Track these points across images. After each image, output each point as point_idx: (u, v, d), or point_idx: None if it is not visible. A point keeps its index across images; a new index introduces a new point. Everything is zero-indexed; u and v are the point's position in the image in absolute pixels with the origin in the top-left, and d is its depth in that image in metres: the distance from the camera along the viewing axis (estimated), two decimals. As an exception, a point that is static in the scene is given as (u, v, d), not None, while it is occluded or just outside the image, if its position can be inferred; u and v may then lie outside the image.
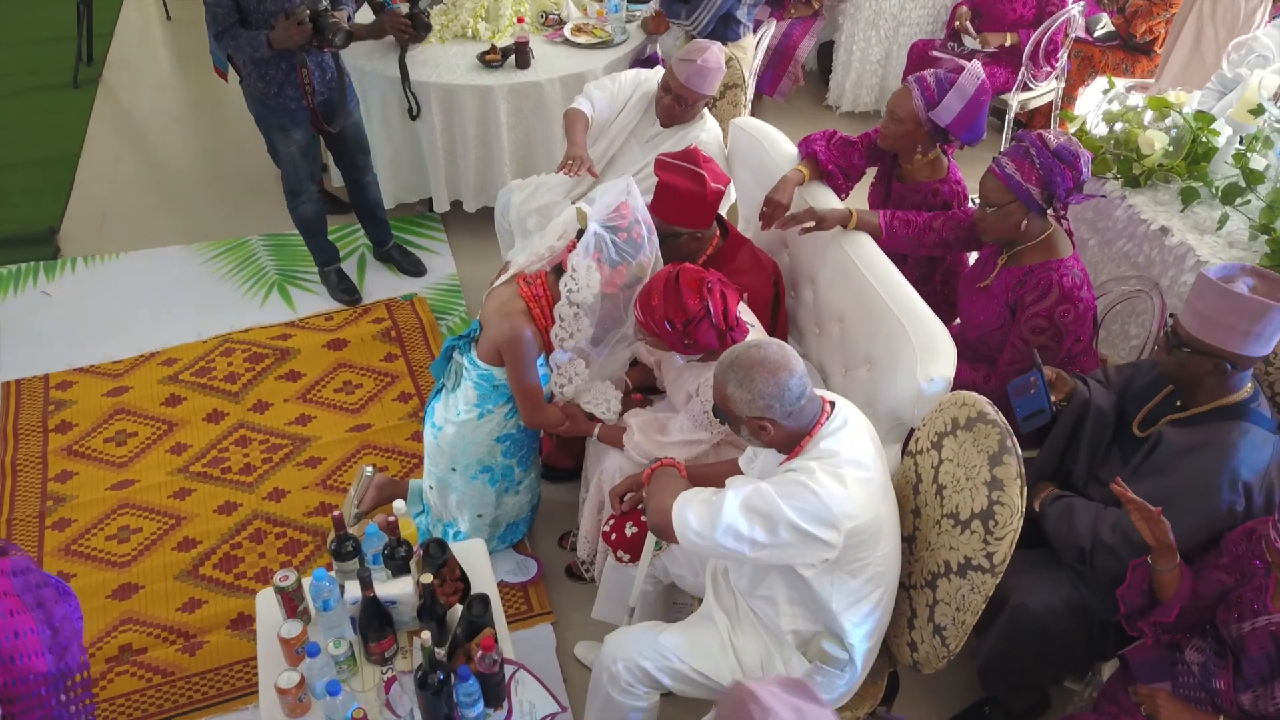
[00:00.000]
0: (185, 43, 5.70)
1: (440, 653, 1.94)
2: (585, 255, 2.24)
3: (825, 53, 5.15)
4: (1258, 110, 2.81)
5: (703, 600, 2.11)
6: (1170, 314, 2.02)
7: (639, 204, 2.27)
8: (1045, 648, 2.09)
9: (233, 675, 2.51)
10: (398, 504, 2.15)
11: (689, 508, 1.78)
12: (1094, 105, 3.17)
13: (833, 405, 1.83)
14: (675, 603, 2.45)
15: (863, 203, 2.84)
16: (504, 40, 3.87)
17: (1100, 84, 3.18)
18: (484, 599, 2.00)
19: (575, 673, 2.54)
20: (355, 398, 3.32)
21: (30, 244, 4.00)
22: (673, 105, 3.02)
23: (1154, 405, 2.08)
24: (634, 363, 2.65)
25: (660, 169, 2.49)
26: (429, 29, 3.63)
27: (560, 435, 2.77)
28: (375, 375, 3.41)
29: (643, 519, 2.18)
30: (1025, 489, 1.75)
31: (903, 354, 2.21)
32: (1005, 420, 1.81)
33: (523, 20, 3.98)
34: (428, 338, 3.56)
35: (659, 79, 3.07)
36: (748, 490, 1.74)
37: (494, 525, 2.64)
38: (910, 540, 2.02)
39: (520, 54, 3.71)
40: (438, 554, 2.08)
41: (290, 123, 3.29)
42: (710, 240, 2.58)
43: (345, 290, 3.74)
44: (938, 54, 4.13)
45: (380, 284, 3.84)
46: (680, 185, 2.44)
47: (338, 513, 2.07)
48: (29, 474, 3.03)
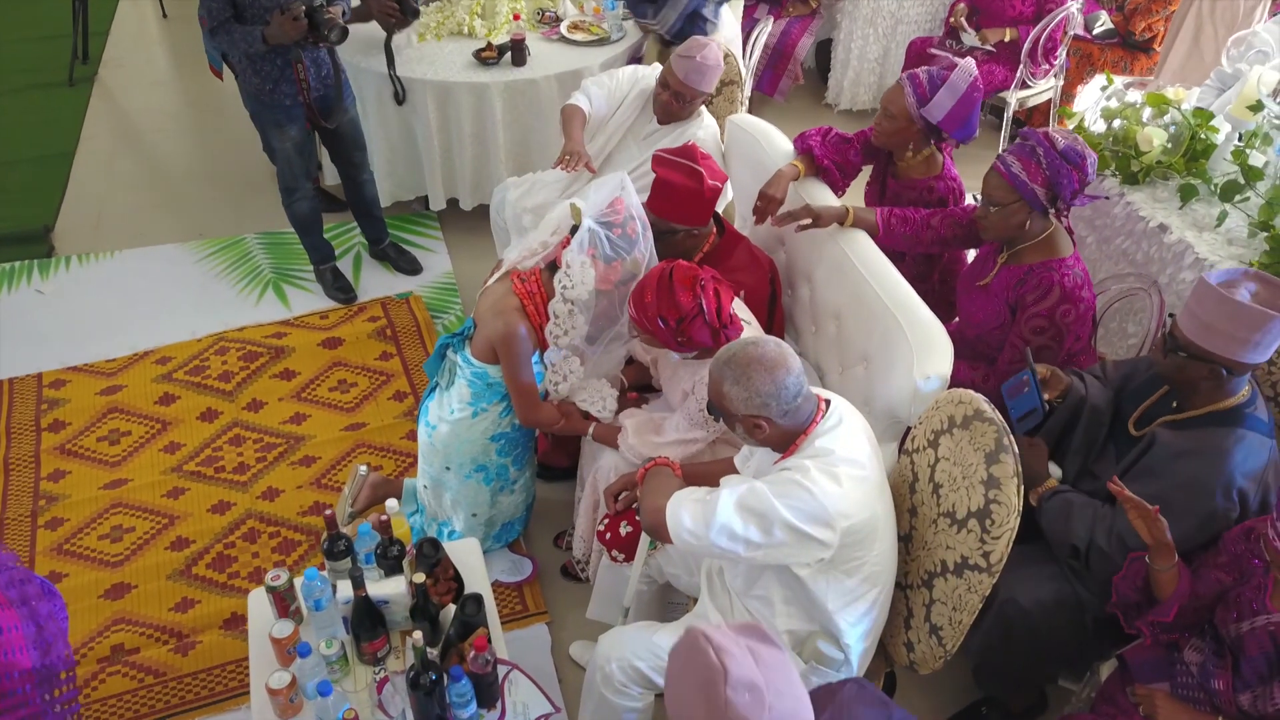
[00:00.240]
0: (181, 41, 5.68)
1: (433, 653, 1.92)
2: (580, 251, 2.22)
3: (824, 51, 5.14)
4: (1257, 106, 2.79)
5: (697, 600, 2.09)
6: (1169, 314, 2.01)
7: (633, 199, 2.25)
8: (1037, 643, 2.07)
9: (225, 675, 2.49)
10: (390, 503, 2.13)
11: (683, 507, 1.77)
12: (1092, 102, 3.15)
13: (828, 403, 1.81)
14: (670, 602, 2.44)
15: (859, 200, 2.83)
16: (500, 37, 3.85)
17: (1099, 81, 3.16)
18: (477, 599, 1.98)
19: (571, 673, 2.52)
20: (350, 396, 3.30)
21: (25, 242, 3.98)
22: (670, 102, 3.01)
23: (1150, 404, 2.07)
24: (630, 361, 2.63)
25: (658, 165, 2.48)
26: (416, 14, 3.59)
27: (555, 434, 2.75)
28: (370, 374, 3.39)
29: (637, 518, 2.17)
30: (1022, 487, 1.73)
31: (899, 352, 2.19)
32: (1002, 418, 1.79)
33: (519, 17, 3.96)
34: (423, 336, 3.55)
35: (657, 76, 3.06)
36: (742, 489, 1.73)
37: (489, 524, 2.62)
38: (906, 539, 2.00)
39: (516, 51, 3.70)
40: (431, 553, 2.07)
41: (286, 119, 3.27)
42: (707, 237, 2.57)
43: (340, 288, 3.72)
44: (936, 52, 4.11)
45: (376, 282, 3.82)
46: (677, 181, 2.43)
47: (330, 512, 2.06)
48: (21, 473, 3.01)
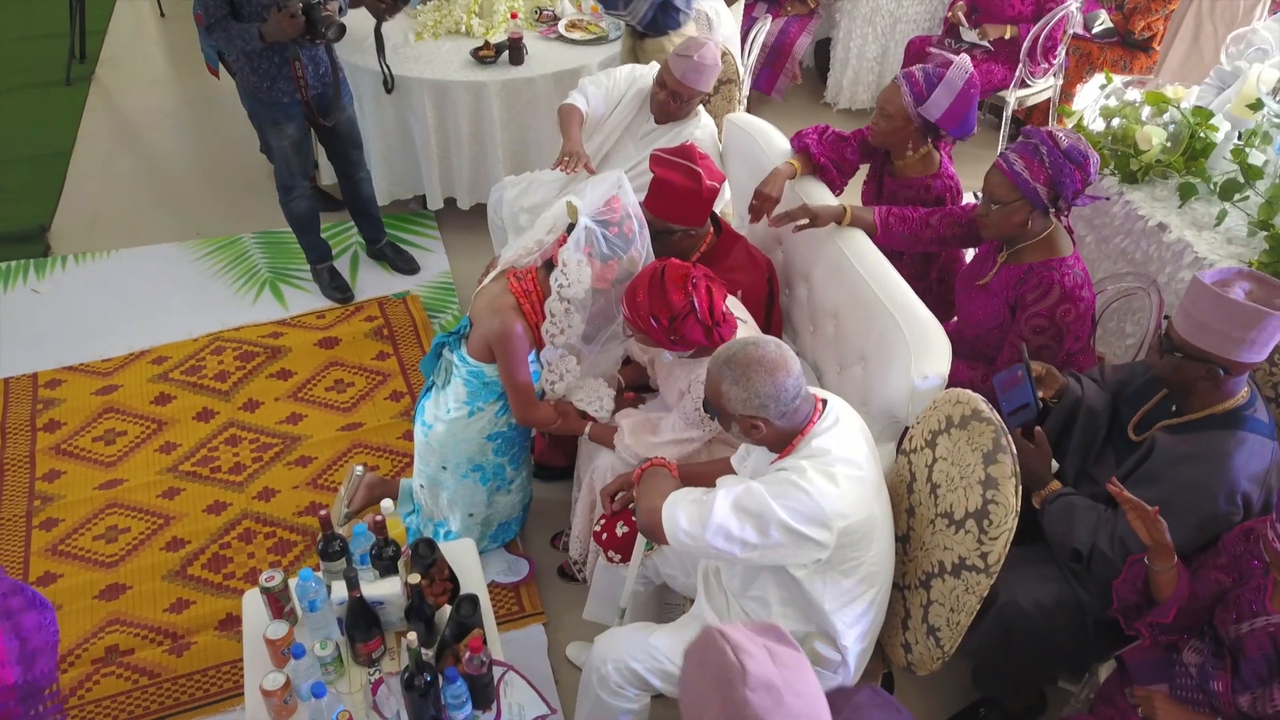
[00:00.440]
0: (179, 40, 5.67)
1: (428, 654, 1.92)
2: (576, 250, 2.21)
3: (822, 50, 5.13)
4: (1256, 105, 2.78)
5: (694, 601, 2.08)
6: (1165, 315, 1.99)
7: (630, 198, 2.24)
8: (1036, 645, 2.06)
9: (220, 676, 2.48)
10: (385, 504, 2.12)
11: (679, 508, 1.76)
12: (1091, 101, 3.14)
13: (825, 403, 1.80)
14: (667, 603, 2.43)
15: (856, 199, 2.82)
16: (497, 36, 3.84)
17: (1098, 80, 3.15)
18: (473, 599, 1.97)
19: (567, 673, 2.51)
20: (347, 396, 3.29)
21: (21, 242, 3.96)
22: (668, 101, 3.00)
23: (1149, 409, 2.05)
24: (627, 360, 2.62)
25: (655, 164, 2.47)
26: (406, 0, 3.58)
27: (552, 434, 2.74)
28: (367, 374, 3.38)
29: (634, 519, 2.16)
30: (1020, 488, 1.72)
31: (897, 351, 2.18)
32: (1000, 418, 1.78)
33: (516, 16, 3.96)
34: (420, 336, 3.54)
35: (654, 75, 3.05)
36: (738, 490, 1.72)
37: (485, 524, 2.61)
38: (904, 540, 1.99)
39: (514, 50, 3.69)
40: (426, 554, 2.06)
41: (283, 117, 3.26)
42: (704, 237, 2.56)
43: (337, 288, 3.71)
44: (934, 50, 4.10)
45: (373, 282, 3.81)
46: (675, 181, 2.41)
47: (324, 512, 2.05)
48: (16, 473, 3.00)
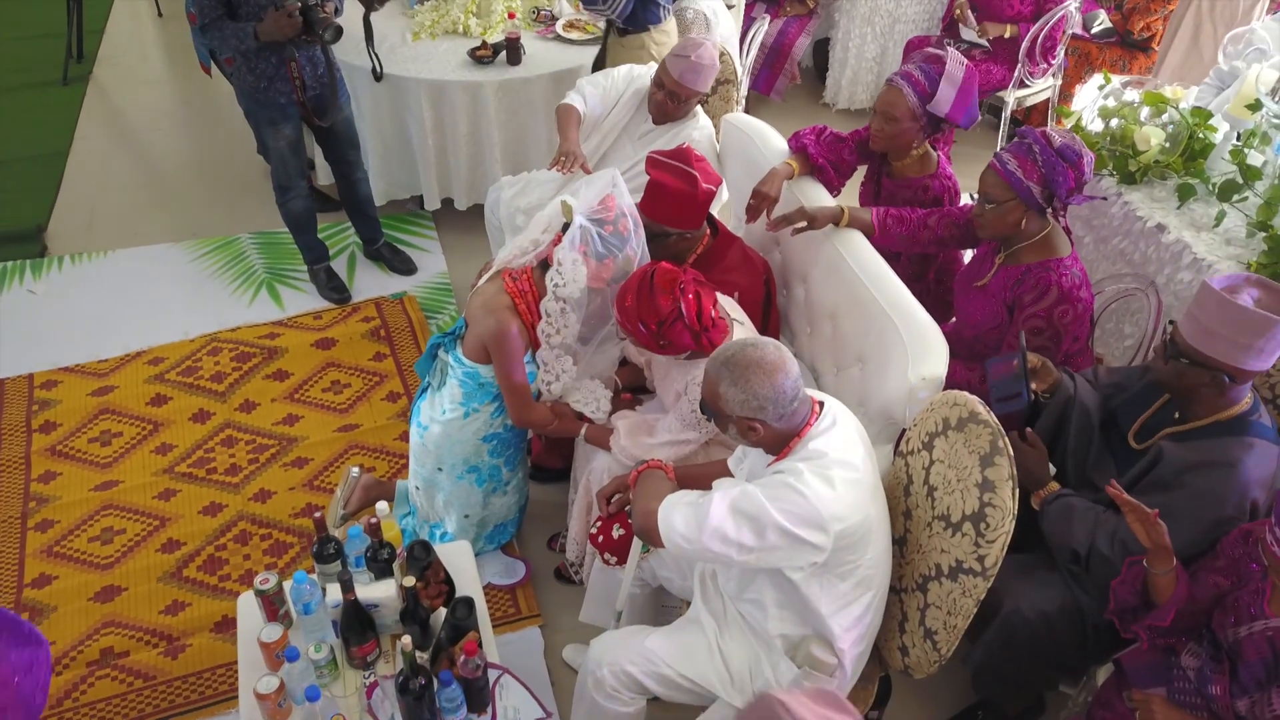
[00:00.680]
0: (177, 40, 5.65)
1: (423, 657, 1.91)
2: (571, 249, 2.20)
3: (821, 50, 5.12)
4: (1255, 105, 2.77)
5: (690, 603, 2.07)
6: (1170, 321, 1.98)
7: (625, 196, 2.24)
8: (1040, 653, 2.05)
9: (215, 679, 2.47)
10: (380, 506, 2.11)
11: (675, 511, 1.75)
12: (1090, 101, 3.13)
13: (821, 405, 1.80)
14: (664, 605, 2.42)
15: (853, 200, 2.81)
16: (495, 36, 3.83)
17: (1097, 80, 3.14)
18: (468, 602, 1.96)
19: (563, 676, 2.50)
20: (343, 397, 3.28)
21: (17, 242, 3.95)
22: (665, 102, 2.99)
23: (1150, 416, 2.04)
24: (624, 361, 2.61)
25: (651, 167, 2.46)
26: None
27: (548, 435, 2.73)
28: (364, 375, 3.37)
29: (630, 521, 2.15)
30: (1017, 490, 1.71)
31: (894, 352, 2.17)
32: (997, 421, 1.77)
33: (514, 16, 3.95)
34: (417, 337, 3.53)
35: (652, 75, 3.04)
36: (734, 493, 1.71)
37: (481, 526, 2.60)
38: (901, 542, 1.98)
39: (511, 50, 3.68)
40: (422, 556, 2.05)
41: (280, 117, 3.25)
42: (700, 240, 2.55)
43: (334, 288, 3.70)
44: (935, 50, 4.10)
45: (370, 282, 3.80)
46: (671, 184, 2.40)
47: (319, 515, 2.04)
48: (11, 475, 2.99)
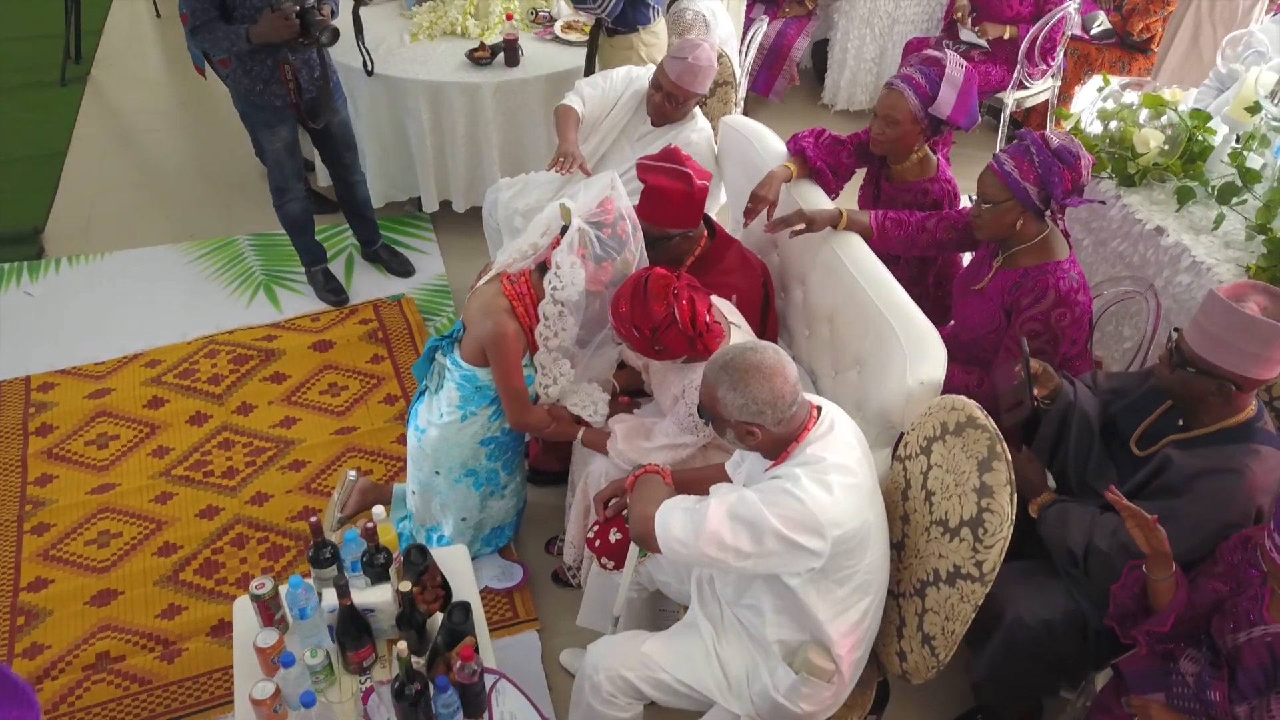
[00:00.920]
0: (175, 41, 5.64)
1: (419, 662, 1.90)
2: (569, 251, 2.20)
3: (820, 51, 5.12)
4: (1254, 108, 2.76)
5: (688, 608, 2.07)
6: (1174, 329, 1.97)
7: (623, 199, 2.23)
8: (1043, 661, 2.05)
9: (211, 684, 2.46)
10: (377, 510, 2.10)
11: (672, 516, 1.74)
12: (1089, 103, 3.13)
13: (819, 410, 1.79)
14: (661, 610, 2.41)
15: (853, 203, 2.80)
16: (493, 38, 3.82)
17: (1096, 82, 3.13)
18: (465, 606, 1.95)
19: (561, 680, 2.50)
20: (341, 400, 3.27)
21: (14, 243, 3.95)
22: (664, 103, 2.98)
23: (1152, 422, 2.03)
24: (621, 364, 2.61)
25: (646, 173, 2.44)
26: None
27: (546, 438, 2.73)
28: (361, 377, 3.36)
29: (627, 525, 2.14)
30: (1015, 496, 1.71)
31: (892, 355, 2.17)
32: (995, 426, 1.77)
33: (512, 17, 3.94)
34: (415, 339, 3.52)
35: (650, 77, 3.03)
36: (732, 498, 1.70)
37: (478, 529, 2.60)
38: (899, 547, 1.98)
39: (510, 51, 3.67)
40: (418, 560, 2.04)
41: (276, 120, 3.24)
42: (698, 240, 2.54)
43: (332, 290, 3.69)
44: (933, 52, 4.09)
45: (368, 284, 3.79)
46: (670, 187, 2.40)
47: (315, 519, 2.03)
48: (8, 477, 2.98)
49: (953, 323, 2.65)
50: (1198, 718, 1.77)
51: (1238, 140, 2.80)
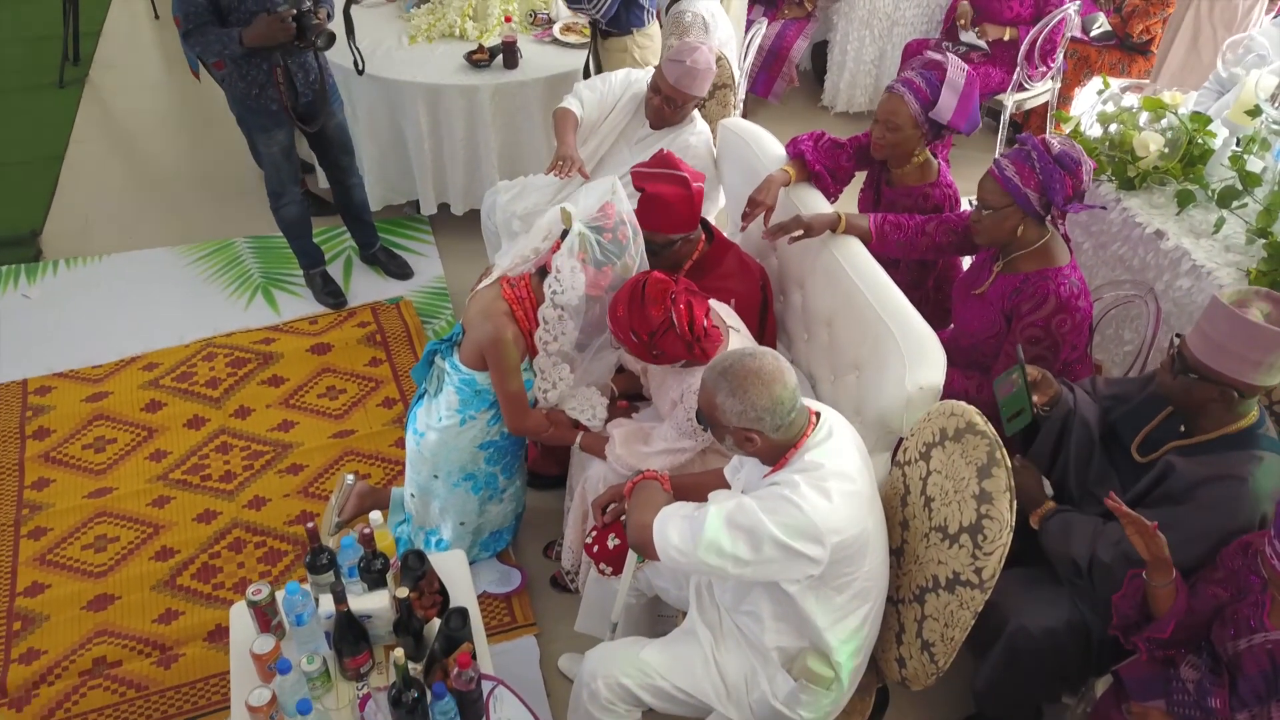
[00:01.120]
0: (173, 43, 5.61)
1: (416, 668, 1.89)
2: (570, 256, 2.19)
3: (819, 53, 5.11)
4: (1254, 111, 2.76)
5: (686, 614, 2.06)
6: (1176, 335, 1.97)
7: (624, 204, 2.22)
8: (1046, 670, 2.04)
9: (208, 689, 2.45)
10: (374, 516, 2.10)
11: (670, 524, 1.74)
12: (1089, 106, 3.12)
13: (818, 416, 1.78)
14: (660, 616, 2.40)
15: (852, 207, 2.79)
16: (492, 40, 3.82)
17: (1096, 84, 3.13)
18: (462, 612, 1.95)
19: (559, 685, 2.49)
20: (339, 403, 3.26)
21: (12, 246, 3.94)
22: (662, 107, 2.97)
23: (1154, 428, 2.02)
24: (620, 369, 2.60)
25: (642, 181, 2.43)
26: None
27: (544, 443, 2.72)
28: (359, 380, 3.35)
29: (625, 532, 2.13)
30: (1015, 503, 1.70)
31: (891, 360, 2.16)
32: (995, 432, 1.76)
33: (510, 19, 3.93)
34: (413, 342, 3.51)
35: (649, 80, 3.02)
36: (730, 505, 1.70)
37: (477, 533, 2.59)
38: (898, 553, 1.97)
39: (508, 54, 3.66)
40: (416, 566, 2.03)
41: (272, 123, 3.23)
42: (697, 243, 2.54)
43: (330, 293, 3.68)
44: (934, 55, 4.09)
45: (366, 287, 3.78)
46: (669, 192, 2.39)
47: (312, 525, 2.02)
48: (4, 481, 2.97)
49: (952, 327, 2.64)
50: (1198, 725, 1.76)
51: (1238, 144, 2.80)
